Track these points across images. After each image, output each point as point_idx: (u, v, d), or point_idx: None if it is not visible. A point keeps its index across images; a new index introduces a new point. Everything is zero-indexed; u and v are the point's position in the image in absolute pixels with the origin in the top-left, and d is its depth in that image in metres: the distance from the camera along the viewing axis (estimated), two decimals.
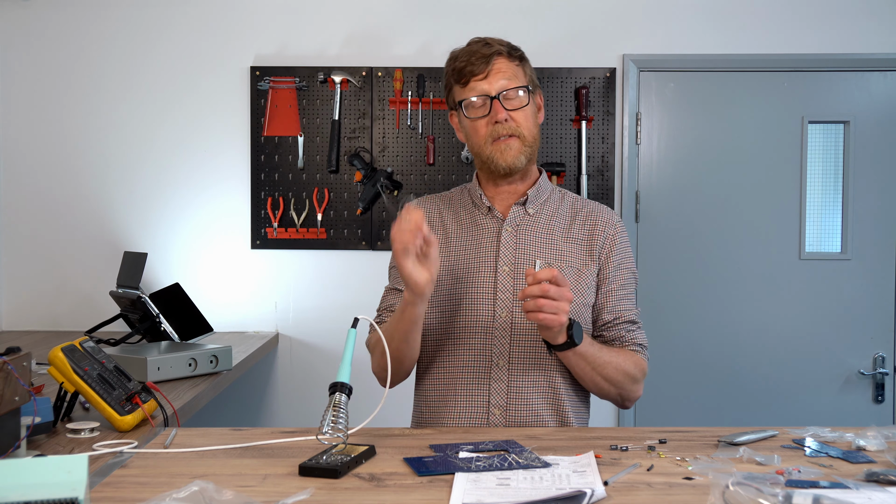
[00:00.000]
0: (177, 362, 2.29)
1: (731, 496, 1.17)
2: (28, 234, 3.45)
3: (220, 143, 3.43)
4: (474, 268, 1.82)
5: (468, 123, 1.81)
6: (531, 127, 1.81)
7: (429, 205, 1.94)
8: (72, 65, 3.44)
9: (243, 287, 3.43)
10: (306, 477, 1.36)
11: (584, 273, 1.83)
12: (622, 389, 1.78)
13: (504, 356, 1.79)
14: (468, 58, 1.78)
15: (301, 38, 3.43)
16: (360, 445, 1.49)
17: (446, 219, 1.90)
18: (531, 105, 1.82)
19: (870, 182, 3.40)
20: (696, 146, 3.44)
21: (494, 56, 1.78)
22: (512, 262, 1.81)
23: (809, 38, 3.39)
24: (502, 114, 1.77)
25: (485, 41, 1.80)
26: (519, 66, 1.82)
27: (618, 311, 1.83)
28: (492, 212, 1.86)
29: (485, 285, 1.81)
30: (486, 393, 1.79)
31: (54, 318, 3.43)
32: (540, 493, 1.27)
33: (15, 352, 1.58)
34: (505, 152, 1.78)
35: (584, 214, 1.89)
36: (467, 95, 1.79)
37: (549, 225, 1.86)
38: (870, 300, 3.40)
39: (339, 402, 1.50)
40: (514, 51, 1.83)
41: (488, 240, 1.84)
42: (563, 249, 1.84)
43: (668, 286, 3.43)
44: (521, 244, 1.83)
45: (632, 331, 1.83)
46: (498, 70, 1.78)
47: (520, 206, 1.86)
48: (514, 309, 1.79)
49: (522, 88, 1.80)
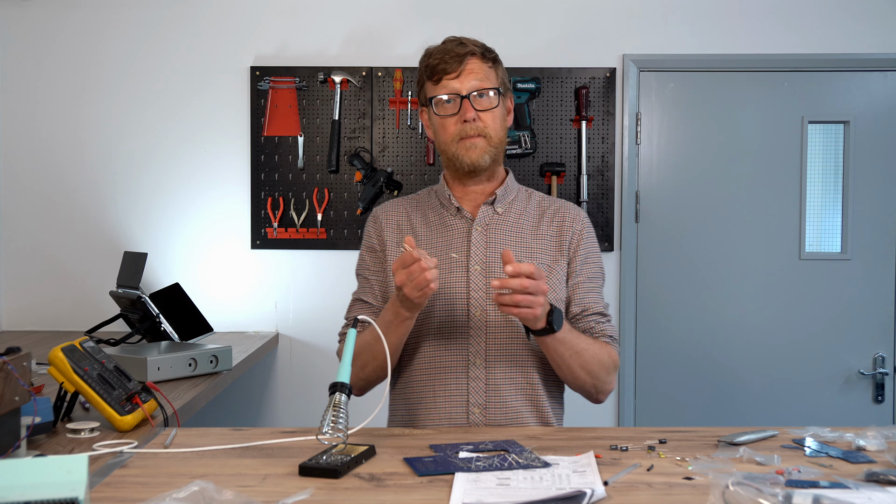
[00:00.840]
0: (177, 362, 2.29)
1: (731, 496, 1.17)
2: (28, 234, 3.45)
3: (220, 143, 3.43)
4: (446, 268, 1.83)
5: (437, 121, 1.82)
6: (498, 129, 1.83)
7: (396, 208, 1.94)
8: (72, 65, 3.44)
9: (243, 287, 3.43)
10: (306, 477, 1.36)
11: (555, 269, 1.85)
12: (597, 380, 1.80)
13: (480, 355, 1.80)
14: (442, 56, 1.79)
15: (301, 38, 3.43)
16: (360, 445, 1.49)
17: (414, 221, 1.90)
18: (500, 107, 1.83)
19: (870, 182, 3.40)
20: (696, 146, 3.44)
21: (468, 56, 1.79)
22: (483, 261, 1.83)
23: (809, 38, 3.39)
24: (471, 113, 1.78)
25: (459, 40, 1.81)
26: (492, 68, 1.83)
27: (586, 304, 1.86)
28: (461, 212, 1.88)
29: (457, 285, 1.82)
30: (465, 392, 1.80)
31: (54, 318, 3.43)
32: (540, 493, 1.27)
33: (15, 352, 1.58)
34: (470, 150, 1.80)
35: (551, 212, 1.91)
36: (438, 93, 1.80)
37: (518, 223, 1.88)
38: (870, 300, 3.40)
39: (339, 402, 1.50)
40: (487, 52, 1.84)
41: (458, 240, 1.86)
42: (533, 247, 1.86)
43: (667, 286, 3.43)
44: (492, 243, 1.85)
45: (601, 322, 1.86)
46: (470, 70, 1.79)
47: (488, 205, 1.88)
48: (488, 307, 1.80)
49: (493, 90, 1.81)
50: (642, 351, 3.44)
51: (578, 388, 1.83)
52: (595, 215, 3.39)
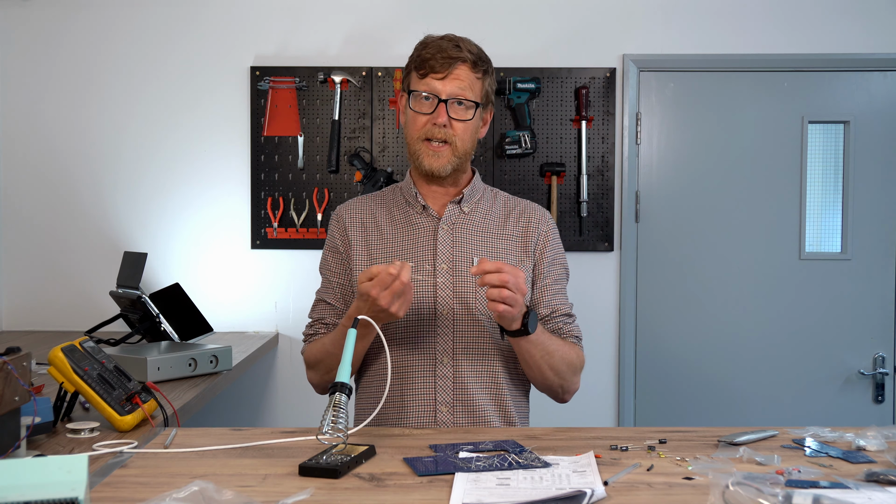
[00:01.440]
0: (177, 362, 2.29)
1: (731, 496, 1.17)
2: (28, 234, 3.45)
3: (220, 143, 3.43)
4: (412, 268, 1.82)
5: (411, 113, 1.82)
6: (467, 140, 1.81)
7: (360, 206, 1.93)
8: (72, 65, 3.44)
9: (243, 287, 3.43)
10: (306, 477, 1.36)
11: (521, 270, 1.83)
12: (564, 380, 1.81)
13: (448, 353, 1.81)
14: (435, 52, 1.77)
15: (301, 38, 3.43)
16: (360, 445, 1.49)
17: (380, 219, 1.90)
18: (474, 120, 1.82)
19: (870, 182, 3.40)
20: (696, 146, 3.44)
21: (459, 61, 1.77)
22: (450, 259, 1.83)
23: (809, 38, 3.39)
24: (443, 118, 1.77)
25: (457, 42, 1.79)
26: (479, 79, 1.81)
27: (554, 306, 1.87)
28: (427, 210, 1.87)
29: (424, 284, 1.82)
30: (433, 391, 1.80)
31: (54, 318, 3.43)
32: (540, 493, 1.27)
33: (15, 352, 1.58)
34: (433, 157, 1.80)
35: (517, 212, 1.92)
36: (419, 88, 1.79)
37: (484, 223, 1.88)
38: (870, 300, 3.40)
39: (339, 402, 1.50)
40: (480, 62, 1.81)
41: (425, 238, 1.86)
42: (499, 247, 1.87)
43: (667, 286, 3.43)
44: (458, 242, 1.85)
45: (568, 323, 1.88)
46: (457, 76, 1.77)
47: (455, 204, 1.88)
48: (455, 306, 1.81)
49: (472, 103, 1.79)
50: (642, 351, 3.44)
51: (546, 388, 1.84)
52: (595, 215, 3.39)
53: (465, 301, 1.81)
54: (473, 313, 1.80)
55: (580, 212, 3.37)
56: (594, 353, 3.43)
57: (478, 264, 1.60)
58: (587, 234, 3.39)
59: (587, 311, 3.40)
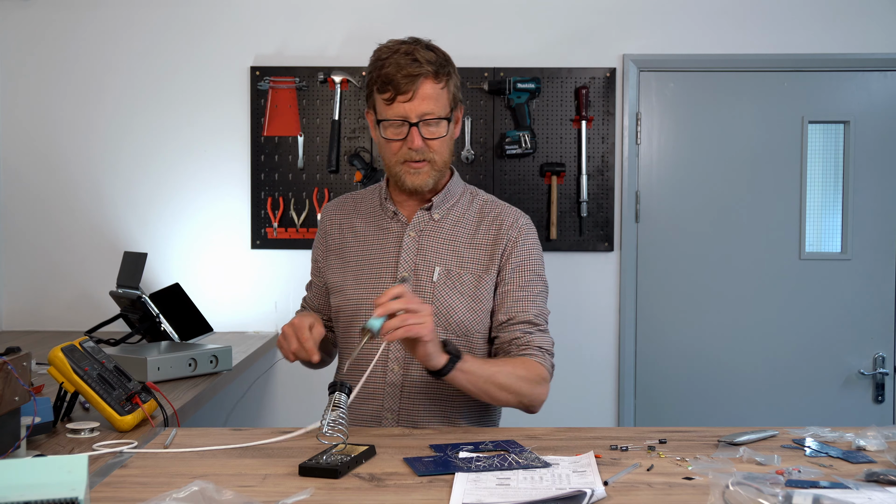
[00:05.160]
0: (177, 362, 2.29)
1: (731, 496, 1.17)
2: (28, 234, 3.45)
3: (220, 143, 3.43)
4: (375, 273, 1.84)
5: (383, 140, 1.78)
6: (444, 152, 1.79)
7: (340, 209, 1.94)
8: (72, 65, 3.44)
9: (243, 287, 3.43)
10: (306, 477, 1.36)
11: (484, 279, 1.81)
12: (522, 396, 1.73)
13: (398, 360, 1.80)
14: (395, 71, 1.71)
15: (301, 38, 3.43)
16: (360, 445, 1.49)
17: (355, 223, 1.90)
18: (449, 132, 1.78)
19: (870, 182, 3.40)
20: (696, 146, 3.44)
21: (421, 78, 1.71)
22: (412, 268, 1.81)
23: (809, 38, 3.39)
24: (418, 142, 1.73)
25: (413, 56, 1.72)
26: (444, 89, 1.75)
27: (513, 312, 1.80)
28: (397, 216, 1.86)
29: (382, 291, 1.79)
30: (381, 397, 1.80)
31: (54, 318, 3.43)
32: (540, 493, 1.27)
33: (15, 352, 1.58)
34: (414, 175, 1.77)
35: (490, 218, 1.86)
36: (388, 115, 1.74)
37: (453, 230, 1.85)
38: (870, 300, 3.40)
39: (339, 401, 1.50)
40: (441, 69, 1.75)
41: (390, 244, 1.85)
42: (465, 255, 1.83)
43: (667, 286, 3.43)
44: (423, 250, 1.83)
45: (529, 332, 1.79)
46: (423, 95, 1.72)
47: (425, 210, 1.85)
48: None
49: (443, 120, 1.76)
50: (642, 351, 3.44)
51: (504, 405, 1.81)
52: (595, 215, 3.39)
53: None
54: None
55: (580, 212, 3.37)
56: (594, 353, 3.44)
57: (376, 301, 1.56)
58: (587, 234, 3.39)
59: (587, 311, 3.42)
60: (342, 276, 1.88)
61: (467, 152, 3.37)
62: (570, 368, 3.40)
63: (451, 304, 1.79)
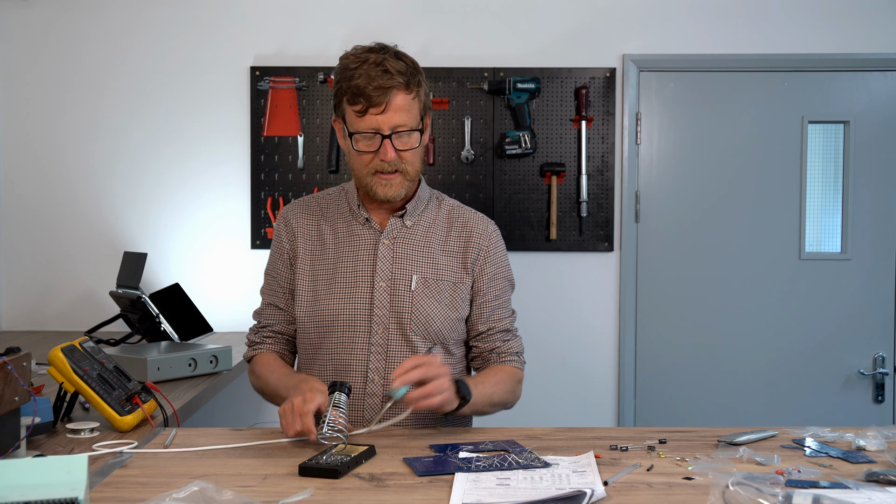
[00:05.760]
0: (177, 362, 2.29)
1: (731, 496, 1.17)
2: (28, 234, 3.45)
3: (220, 143, 3.43)
4: (351, 282, 1.80)
5: (354, 152, 1.75)
6: (416, 162, 1.77)
7: (306, 214, 1.88)
8: (72, 65, 3.44)
9: (243, 287, 3.43)
10: (306, 477, 1.36)
11: (459, 286, 1.82)
12: (507, 404, 1.84)
13: (379, 371, 1.78)
14: (366, 83, 1.67)
15: (301, 38, 3.43)
16: (360, 445, 1.49)
17: (324, 230, 1.85)
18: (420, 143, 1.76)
19: (870, 182, 3.40)
20: (696, 146, 3.44)
21: (393, 90, 1.68)
22: (389, 277, 1.80)
23: (809, 38, 3.39)
24: (391, 154, 1.71)
25: (384, 66, 1.68)
26: (415, 99, 1.73)
27: (492, 322, 1.86)
28: (369, 223, 1.83)
29: (361, 303, 1.78)
30: (361, 409, 1.78)
31: (54, 318, 3.43)
32: (540, 493, 1.27)
33: (15, 352, 1.58)
34: (386, 187, 1.75)
35: (459, 224, 1.86)
36: (359, 127, 1.71)
37: (426, 237, 1.84)
38: (870, 300, 3.40)
39: (339, 401, 1.50)
40: (412, 79, 1.72)
41: (365, 252, 1.81)
42: (440, 262, 1.83)
43: (667, 286, 3.43)
44: (398, 258, 1.81)
45: (507, 340, 1.87)
46: (395, 107, 1.69)
47: (398, 218, 1.83)
48: (390, 325, 1.78)
49: (416, 131, 1.73)
50: (642, 351, 3.44)
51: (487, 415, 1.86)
52: (595, 215, 3.39)
53: (399, 320, 1.78)
54: (407, 334, 1.78)
55: (580, 212, 3.37)
56: (594, 353, 3.44)
57: (396, 373, 1.58)
58: (587, 234, 3.39)
59: (587, 311, 3.42)
60: (313, 284, 1.82)
61: (467, 152, 3.37)
62: (571, 368, 3.40)
63: (429, 313, 1.79)
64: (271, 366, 1.83)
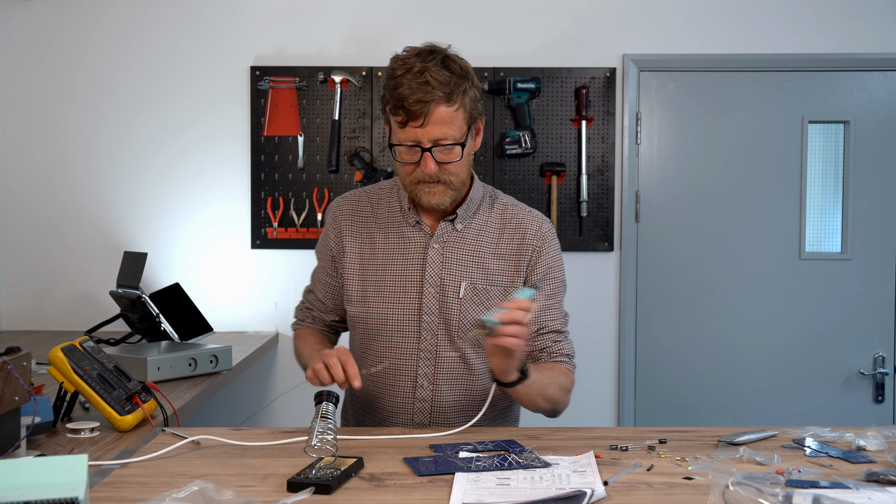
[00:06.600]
0: (177, 362, 2.29)
1: (731, 496, 1.17)
2: (28, 234, 3.45)
3: (221, 143, 3.43)
4: (400, 287, 1.79)
5: (397, 163, 1.74)
6: (461, 173, 1.73)
7: (357, 205, 1.87)
8: (72, 65, 3.43)
9: (243, 287, 3.43)
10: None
11: (510, 290, 1.80)
12: (556, 404, 1.78)
13: (428, 377, 1.78)
14: (408, 93, 1.64)
15: (301, 38, 3.43)
16: (349, 458, 1.43)
17: (372, 226, 1.84)
18: (464, 154, 1.72)
19: (870, 182, 3.40)
20: (696, 146, 3.44)
21: (433, 103, 1.64)
22: (438, 282, 1.78)
23: (809, 38, 3.39)
24: (431, 168, 1.68)
25: (425, 79, 1.64)
26: (458, 110, 1.68)
27: (543, 322, 1.81)
28: (420, 225, 1.81)
29: (410, 308, 1.78)
30: (410, 412, 1.79)
31: (54, 318, 3.43)
32: (540, 493, 1.27)
33: (15, 352, 1.58)
34: (430, 195, 1.73)
35: (513, 225, 1.83)
36: (401, 138, 1.69)
37: (476, 241, 1.81)
38: (870, 300, 3.40)
39: (327, 412, 1.45)
40: (455, 89, 1.66)
41: (415, 256, 1.80)
42: (491, 267, 1.80)
43: (667, 286, 3.43)
44: (448, 263, 1.79)
45: (559, 341, 1.83)
46: (436, 120, 1.65)
47: (448, 221, 1.81)
48: (439, 330, 1.78)
49: (458, 144, 1.69)
50: (642, 351, 3.44)
51: (537, 411, 1.81)
52: (595, 215, 3.39)
53: (448, 327, 1.77)
54: (456, 342, 1.78)
55: (580, 212, 3.37)
56: (594, 353, 3.44)
57: (500, 315, 1.54)
58: (587, 234, 3.39)
59: (587, 311, 3.42)
60: (362, 284, 1.82)
61: None
62: None
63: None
64: (307, 339, 1.91)
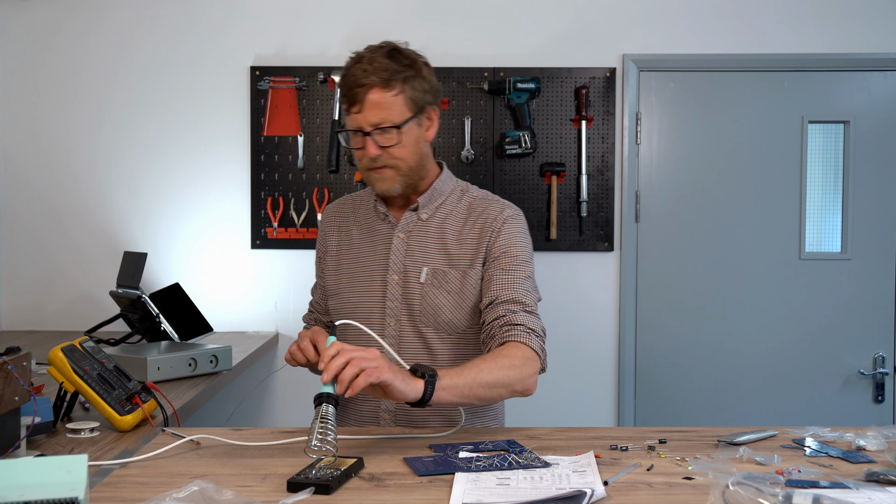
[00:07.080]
0: (177, 362, 2.29)
1: (731, 496, 1.17)
2: (28, 234, 3.45)
3: (220, 142, 3.43)
4: (366, 276, 1.86)
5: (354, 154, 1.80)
6: (408, 156, 1.75)
7: (339, 211, 1.97)
8: (72, 65, 3.44)
9: (243, 287, 3.43)
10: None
11: (469, 274, 1.80)
12: (512, 385, 1.64)
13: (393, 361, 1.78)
14: (351, 81, 1.71)
15: (301, 38, 3.43)
16: (349, 458, 1.43)
17: (351, 226, 1.93)
18: (408, 135, 1.74)
19: (870, 182, 3.40)
20: (696, 146, 3.44)
21: (367, 88, 1.69)
22: (401, 269, 1.82)
23: (809, 38, 3.39)
24: (372, 151, 1.72)
25: (363, 67, 1.70)
26: (397, 96, 1.71)
27: (494, 293, 1.75)
28: (387, 217, 1.87)
29: (375, 296, 1.83)
30: (374, 402, 1.81)
31: (54, 318, 3.43)
32: (540, 493, 1.27)
33: (15, 352, 1.58)
34: (381, 182, 1.78)
35: (477, 212, 1.84)
36: (347, 125, 1.76)
37: (440, 229, 1.84)
38: (870, 300, 3.40)
39: (327, 413, 1.43)
40: (394, 76, 1.70)
41: (381, 247, 1.86)
42: (453, 254, 1.82)
43: (667, 286, 3.43)
44: (411, 251, 1.83)
45: (513, 311, 1.72)
46: (372, 104, 1.70)
47: (412, 211, 1.85)
48: (402, 318, 1.81)
49: (394, 128, 1.71)
50: (642, 351, 3.44)
51: (499, 401, 1.78)
52: (595, 215, 3.39)
53: (410, 312, 1.80)
54: (418, 326, 1.80)
55: (580, 212, 3.37)
56: (594, 352, 3.44)
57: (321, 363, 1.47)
58: (587, 234, 3.39)
59: (587, 311, 3.42)
60: (337, 279, 1.90)
61: (467, 152, 3.37)
62: (571, 368, 3.40)
63: (437, 303, 1.79)
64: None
